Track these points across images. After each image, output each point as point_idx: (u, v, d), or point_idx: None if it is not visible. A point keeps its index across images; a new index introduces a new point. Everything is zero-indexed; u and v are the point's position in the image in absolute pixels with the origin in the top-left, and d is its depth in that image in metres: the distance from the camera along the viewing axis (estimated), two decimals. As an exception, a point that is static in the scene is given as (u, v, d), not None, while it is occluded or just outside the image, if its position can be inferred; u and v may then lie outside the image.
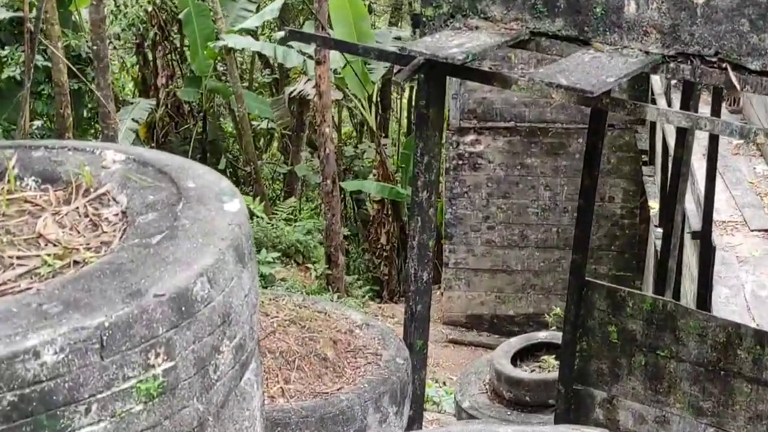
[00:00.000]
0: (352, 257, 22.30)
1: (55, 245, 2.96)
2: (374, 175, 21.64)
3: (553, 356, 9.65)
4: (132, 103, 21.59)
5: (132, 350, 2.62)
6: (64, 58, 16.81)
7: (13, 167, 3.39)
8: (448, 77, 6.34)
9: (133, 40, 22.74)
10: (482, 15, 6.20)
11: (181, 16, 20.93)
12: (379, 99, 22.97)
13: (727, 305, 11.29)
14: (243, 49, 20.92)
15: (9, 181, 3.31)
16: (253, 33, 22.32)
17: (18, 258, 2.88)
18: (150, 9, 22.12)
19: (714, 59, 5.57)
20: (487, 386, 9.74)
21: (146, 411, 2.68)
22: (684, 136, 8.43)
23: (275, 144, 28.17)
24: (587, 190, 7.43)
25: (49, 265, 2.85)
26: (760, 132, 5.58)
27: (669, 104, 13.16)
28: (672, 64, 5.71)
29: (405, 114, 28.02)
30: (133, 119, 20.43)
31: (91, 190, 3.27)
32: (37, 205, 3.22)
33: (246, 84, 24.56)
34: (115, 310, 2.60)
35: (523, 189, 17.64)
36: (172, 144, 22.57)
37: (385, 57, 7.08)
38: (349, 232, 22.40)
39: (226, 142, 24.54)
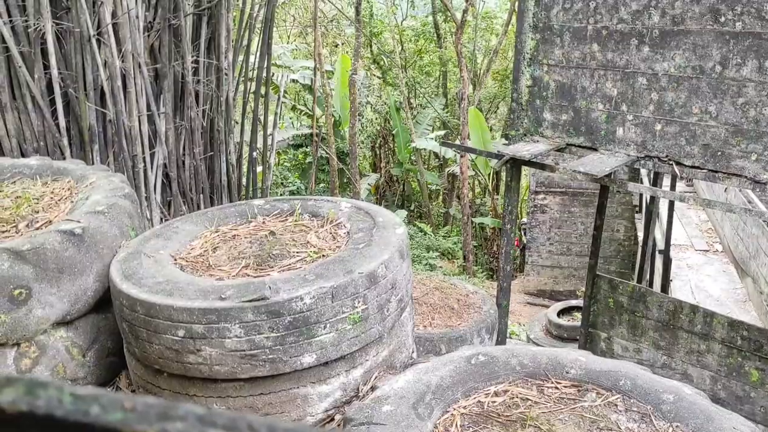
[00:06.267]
0: (478, 257, 22.08)
1: (314, 247, 3.17)
2: (491, 214, 21.39)
3: (580, 313, 9.36)
4: (367, 176, 22.10)
5: (347, 299, 2.78)
6: (334, 154, 17.42)
7: (299, 209, 3.65)
8: (523, 166, 6.32)
9: (369, 143, 23.29)
10: (541, 134, 6.17)
11: (393, 131, 21.34)
12: (495, 175, 22.69)
13: (681, 291, 10.67)
14: (425, 149, 21.14)
15: (296, 216, 3.57)
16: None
17: (296, 253, 3.11)
18: (378, 128, 22.66)
19: (665, 159, 5.38)
20: (544, 328, 9.55)
21: (353, 329, 2.83)
22: (654, 198, 8.05)
23: (439, 197, 28.18)
24: (598, 226, 7.21)
25: (311, 257, 3.06)
26: (688, 197, 5.35)
27: (652, 183, 12.51)
28: (642, 161, 5.55)
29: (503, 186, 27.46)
30: (368, 184, 20.85)
31: (333, 221, 3.48)
32: (308, 227, 3.45)
33: (426, 166, 24.70)
34: (339, 280, 2.77)
35: (569, 224, 17.04)
36: (387, 197, 22.92)
37: (492, 155, 7.09)
38: (476, 244, 22.18)
39: (415, 196, 24.73)
